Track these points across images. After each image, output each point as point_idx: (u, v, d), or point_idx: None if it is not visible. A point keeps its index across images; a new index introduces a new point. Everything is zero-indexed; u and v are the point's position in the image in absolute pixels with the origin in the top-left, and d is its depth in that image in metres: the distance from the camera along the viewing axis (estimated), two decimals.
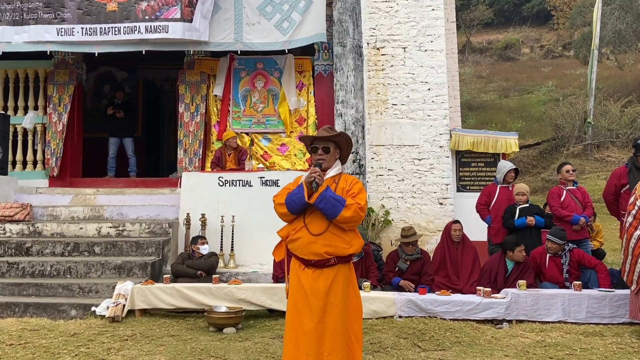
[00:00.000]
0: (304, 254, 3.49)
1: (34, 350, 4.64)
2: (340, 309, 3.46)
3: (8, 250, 7.01)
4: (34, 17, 8.32)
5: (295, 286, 3.53)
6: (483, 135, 8.18)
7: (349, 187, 3.57)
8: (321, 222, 3.46)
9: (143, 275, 6.56)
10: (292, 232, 3.53)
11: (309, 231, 3.46)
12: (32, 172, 9.14)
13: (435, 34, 8.20)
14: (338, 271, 3.50)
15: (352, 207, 3.39)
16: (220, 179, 7.72)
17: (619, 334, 5.17)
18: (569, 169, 6.97)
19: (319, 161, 3.57)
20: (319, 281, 3.45)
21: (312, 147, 3.62)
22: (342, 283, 3.52)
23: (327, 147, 3.58)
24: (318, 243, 3.44)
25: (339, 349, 3.41)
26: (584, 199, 6.88)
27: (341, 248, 3.47)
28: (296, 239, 3.50)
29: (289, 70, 9.00)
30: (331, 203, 3.38)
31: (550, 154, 17.57)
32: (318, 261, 3.46)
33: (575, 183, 6.99)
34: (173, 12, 8.14)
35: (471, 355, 4.50)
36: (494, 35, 35.04)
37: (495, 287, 6.02)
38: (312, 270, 3.47)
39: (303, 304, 3.46)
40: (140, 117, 11.71)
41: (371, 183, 7.96)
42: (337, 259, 3.48)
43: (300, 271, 3.52)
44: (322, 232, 3.44)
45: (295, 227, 3.53)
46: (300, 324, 3.45)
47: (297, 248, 3.52)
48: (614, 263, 7.99)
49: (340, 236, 3.46)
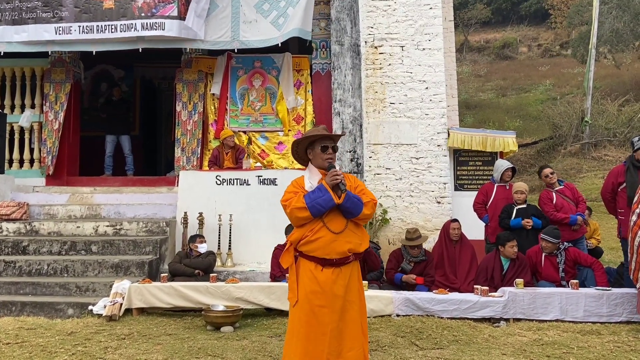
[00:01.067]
0: (326, 253, 3.44)
1: (30, 349, 4.63)
2: (357, 305, 3.51)
3: (5, 249, 6.99)
4: (33, 17, 8.29)
5: (311, 289, 3.44)
6: (481, 134, 8.19)
7: (354, 184, 3.60)
8: (340, 220, 3.47)
9: (140, 274, 6.55)
10: (310, 234, 3.46)
11: (329, 230, 3.44)
12: (28, 170, 9.11)
13: (433, 33, 8.20)
14: (353, 268, 3.55)
15: (369, 204, 3.52)
16: (218, 177, 7.71)
17: (616, 332, 5.17)
18: (547, 173, 6.93)
19: (330, 161, 3.54)
20: (338, 280, 3.45)
21: (323, 146, 3.54)
22: (357, 279, 3.58)
23: (336, 146, 3.61)
24: (340, 241, 3.44)
25: (358, 345, 3.43)
26: (574, 195, 6.87)
27: (358, 244, 3.52)
28: (316, 239, 3.45)
29: (287, 69, 8.98)
30: (355, 203, 3.45)
31: (548, 152, 17.61)
32: (339, 259, 3.45)
33: (560, 182, 6.98)
34: (169, 9, 8.09)
35: (468, 354, 4.50)
36: (492, 34, 35.09)
37: (493, 286, 6.02)
38: (332, 271, 3.45)
39: (321, 305, 3.41)
40: (137, 116, 11.69)
41: (369, 182, 7.96)
42: (354, 256, 3.53)
43: (317, 272, 3.45)
44: (343, 230, 3.46)
45: (312, 227, 3.46)
46: (319, 326, 3.39)
47: (317, 248, 3.45)
48: (611, 262, 8.01)
49: (356, 232, 3.53)
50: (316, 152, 3.57)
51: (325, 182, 3.45)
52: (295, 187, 3.58)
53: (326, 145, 3.55)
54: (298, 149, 3.67)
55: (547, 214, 6.69)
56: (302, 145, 3.64)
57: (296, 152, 3.70)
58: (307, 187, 3.53)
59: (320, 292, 3.42)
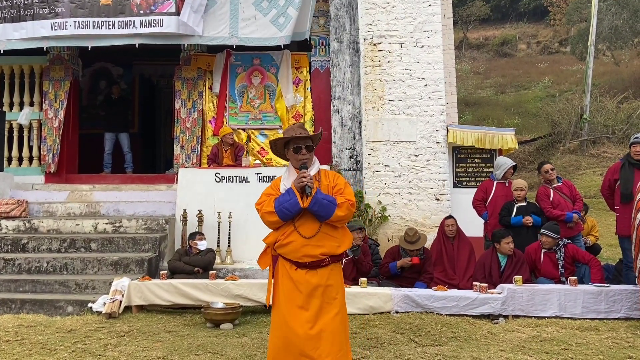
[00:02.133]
0: (297, 258, 3.39)
1: (30, 347, 4.64)
2: (336, 307, 3.40)
3: (4, 247, 6.99)
4: (30, 13, 8.27)
5: (287, 287, 3.41)
6: (480, 131, 8.19)
7: (333, 183, 3.50)
8: (312, 224, 3.38)
9: (140, 271, 6.55)
10: (282, 237, 3.40)
11: (300, 235, 3.37)
12: (27, 168, 9.10)
13: (432, 30, 8.19)
14: (332, 270, 3.45)
15: (343, 206, 3.36)
16: (217, 175, 7.71)
17: (614, 328, 5.19)
18: (547, 168, 6.93)
19: (304, 162, 3.43)
20: (312, 281, 3.37)
21: (296, 146, 3.45)
22: (337, 281, 3.48)
23: (311, 145, 3.49)
24: (311, 245, 3.36)
25: (336, 349, 3.32)
26: (572, 192, 6.88)
27: (334, 247, 3.42)
28: (287, 244, 3.39)
29: (286, 66, 8.97)
30: (324, 205, 3.31)
31: (547, 149, 17.62)
32: (312, 262, 3.39)
33: (559, 179, 6.99)
34: (167, 5, 8.08)
35: (467, 351, 4.52)
36: (491, 31, 35.07)
37: (491, 282, 6.04)
38: (306, 271, 3.39)
39: (297, 305, 3.35)
40: (136, 113, 11.68)
41: (368, 179, 7.97)
42: (330, 259, 3.44)
43: (292, 271, 3.41)
44: (315, 234, 3.37)
45: (284, 231, 3.41)
46: (294, 326, 3.32)
47: (289, 252, 3.40)
48: (610, 258, 8.03)
49: (333, 235, 3.42)
50: (291, 153, 3.51)
51: (293, 185, 3.38)
52: (271, 189, 3.53)
53: (299, 146, 3.45)
54: (276, 148, 3.62)
55: (544, 211, 6.70)
56: (279, 145, 3.58)
57: (275, 150, 3.65)
58: (281, 188, 3.48)
59: (297, 291, 3.37)
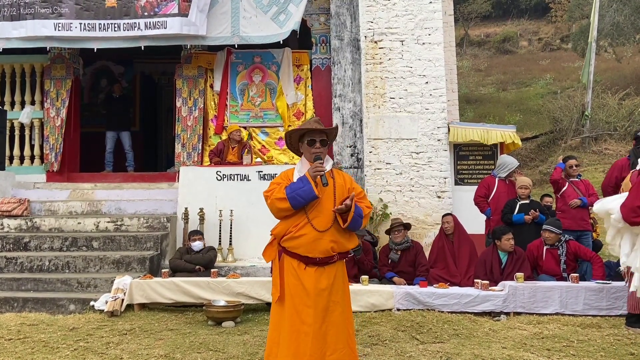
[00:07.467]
0: (308, 252, 3.36)
1: (32, 345, 4.65)
2: (341, 306, 3.42)
3: (6, 246, 7.00)
4: (31, 12, 8.29)
5: (294, 287, 3.38)
6: (481, 129, 8.18)
7: (349, 185, 3.52)
8: (327, 217, 3.38)
9: (141, 269, 6.56)
10: (294, 229, 3.37)
11: (314, 227, 3.35)
12: (29, 167, 9.12)
13: (433, 27, 8.18)
14: (338, 268, 3.47)
15: (367, 215, 3.53)
16: (218, 173, 7.71)
17: (616, 325, 5.19)
18: (572, 164, 6.96)
19: (317, 154, 3.46)
20: (321, 280, 3.36)
21: (310, 140, 3.48)
22: (342, 279, 3.50)
23: (325, 139, 3.51)
24: (325, 239, 3.35)
25: (341, 346, 3.35)
26: (587, 190, 6.90)
27: (343, 243, 3.44)
28: (299, 236, 3.36)
29: (287, 64, 8.96)
30: (358, 221, 3.42)
31: (548, 147, 17.58)
32: (322, 258, 3.37)
33: (579, 176, 7.02)
34: (171, 7, 8.13)
35: (469, 348, 4.52)
36: (492, 28, 35.01)
37: (492, 280, 6.04)
38: (315, 269, 3.37)
39: (304, 304, 3.33)
40: (137, 112, 11.68)
41: (369, 177, 7.96)
42: (339, 255, 3.45)
43: (300, 271, 3.38)
44: (329, 228, 3.37)
45: (297, 223, 3.37)
46: (302, 326, 3.31)
47: (300, 245, 3.36)
48: (612, 255, 8.01)
49: (344, 231, 3.43)
50: (305, 146, 3.53)
51: (307, 174, 3.39)
52: (281, 179, 3.52)
53: (313, 139, 3.48)
54: (291, 141, 3.64)
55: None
56: (294, 138, 3.60)
57: (290, 143, 3.67)
58: (295, 179, 3.47)
59: (304, 292, 3.35)
